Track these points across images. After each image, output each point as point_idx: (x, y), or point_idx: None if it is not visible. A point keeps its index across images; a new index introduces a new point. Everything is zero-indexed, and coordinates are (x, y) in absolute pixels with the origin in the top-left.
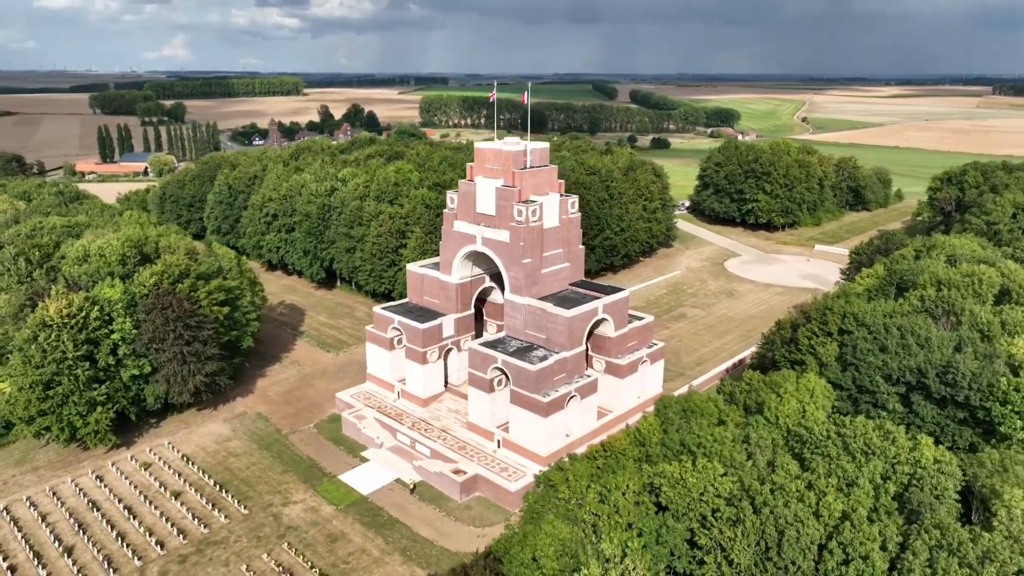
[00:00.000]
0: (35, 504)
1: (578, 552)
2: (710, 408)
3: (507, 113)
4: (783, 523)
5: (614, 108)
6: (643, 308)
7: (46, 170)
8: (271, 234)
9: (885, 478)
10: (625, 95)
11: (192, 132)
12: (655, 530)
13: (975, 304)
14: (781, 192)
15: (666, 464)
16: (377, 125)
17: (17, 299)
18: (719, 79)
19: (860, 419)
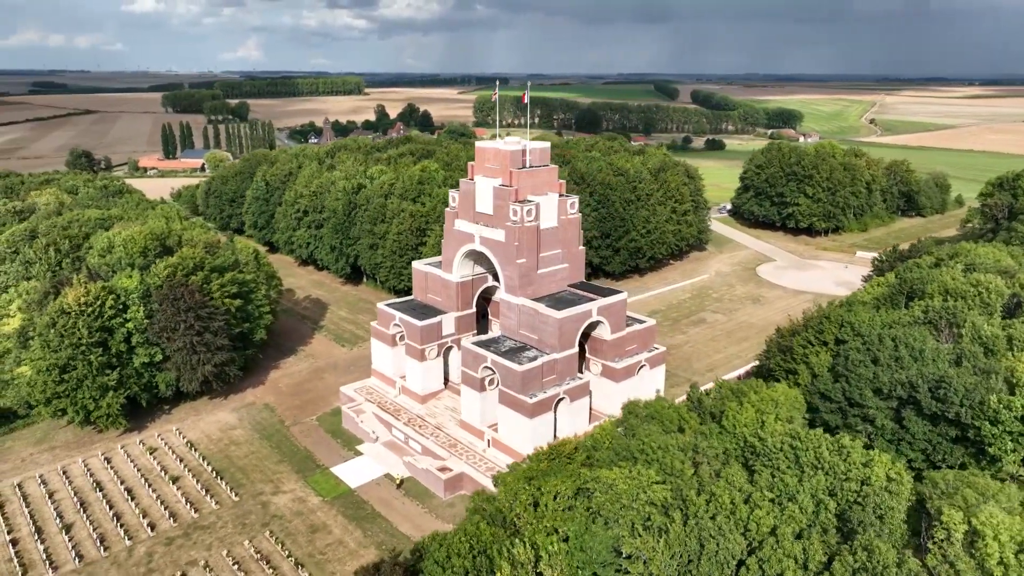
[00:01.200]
0: (45, 482)
1: (493, 554)
2: (671, 415)
3: (561, 113)
4: (706, 536)
5: (670, 108)
6: (663, 311)
7: (112, 165)
8: (301, 230)
9: (832, 493)
10: (687, 95)
11: (249, 130)
12: (579, 536)
13: (979, 316)
14: (823, 196)
15: (601, 469)
16: (431, 124)
17: (42, 287)
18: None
19: (815, 432)
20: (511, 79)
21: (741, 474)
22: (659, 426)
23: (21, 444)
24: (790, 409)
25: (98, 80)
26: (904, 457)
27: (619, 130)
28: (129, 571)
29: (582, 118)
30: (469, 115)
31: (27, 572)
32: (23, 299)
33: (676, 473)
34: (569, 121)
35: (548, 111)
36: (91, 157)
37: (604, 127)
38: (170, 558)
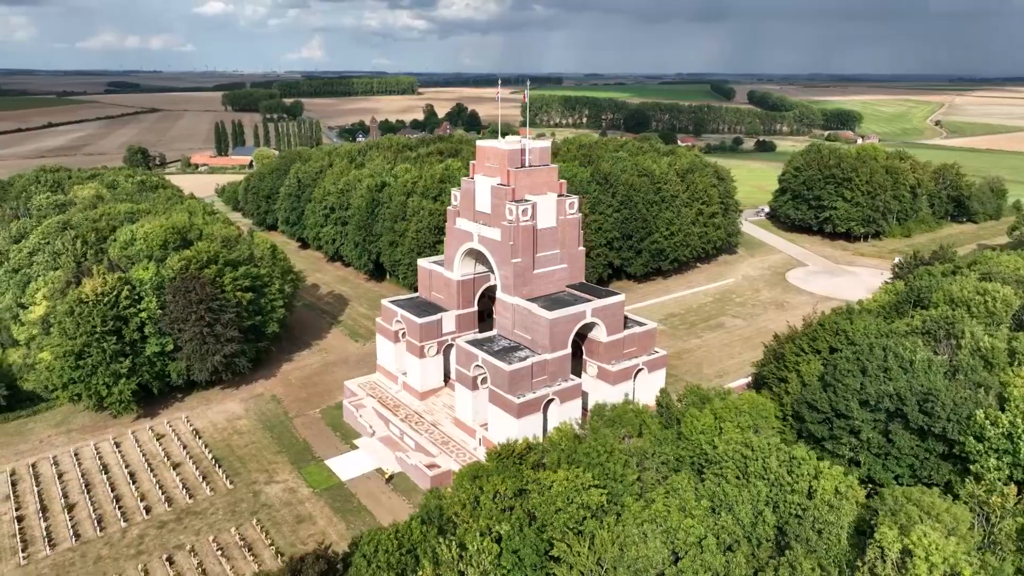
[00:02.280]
0: (57, 463)
1: (419, 552)
2: (632, 419)
3: (609, 113)
4: (629, 542)
5: (723, 109)
6: (681, 315)
7: (166, 161)
8: (328, 226)
9: (775, 506)
10: (743, 96)
11: (298, 128)
12: (510, 536)
13: (980, 326)
14: (863, 200)
15: (542, 471)
16: (478, 124)
17: (65, 276)
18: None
19: (770, 441)
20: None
21: (689, 481)
22: (619, 430)
23: (42, 426)
24: (756, 418)
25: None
26: (891, 472)
27: (669, 131)
28: (120, 551)
29: (631, 118)
30: (517, 114)
31: (27, 547)
32: (48, 288)
33: (617, 478)
34: (618, 121)
35: (596, 111)
36: (146, 154)
37: (654, 127)
38: (160, 541)
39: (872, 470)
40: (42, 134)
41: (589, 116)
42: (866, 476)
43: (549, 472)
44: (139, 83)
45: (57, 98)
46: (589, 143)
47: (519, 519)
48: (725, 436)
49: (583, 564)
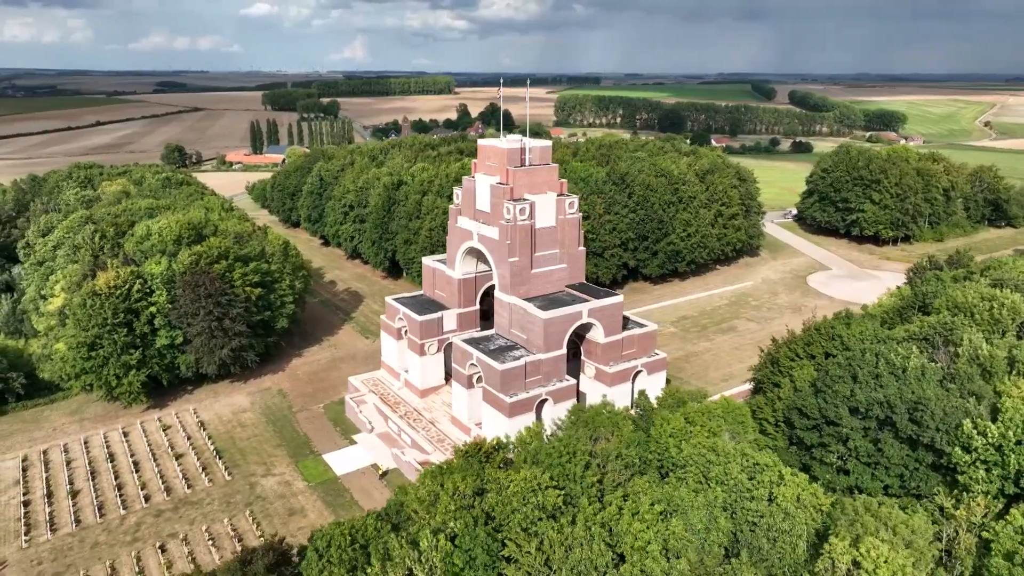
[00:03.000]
0: (67, 450)
1: (370, 547)
2: (604, 420)
3: (644, 113)
4: (575, 544)
5: (760, 109)
6: (693, 317)
7: (202, 159)
8: (347, 224)
9: (731, 512)
10: (785, 96)
11: (330, 127)
12: (462, 534)
13: (979, 333)
14: (891, 202)
15: (502, 471)
16: (511, 123)
17: (82, 269)
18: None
19: (736, 447)
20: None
21: (649, 485)
22: (592, 431)
23: (57, 414)
24: (731, 422)
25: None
26: (880, 482)
27: (704, 131)
28: (117, 538)
29: (665, 118)
30: (551, 114)
31: (30, 531)
32: (65, 280)
33: (576, 479)
34: (652, 121)
35: (630, 111)
36: (183, 151)
37: (689, 128)
38: (155, 529)
39: (860, 479)
40: (90, 132)
41: (623, 116)
42: (854, 485)
43: (508, 472)
44: (186, 83)
45: (107, 97)
46: (609, 143)
47: (474, 518)
48: (693, 440)
49: (531, 564)
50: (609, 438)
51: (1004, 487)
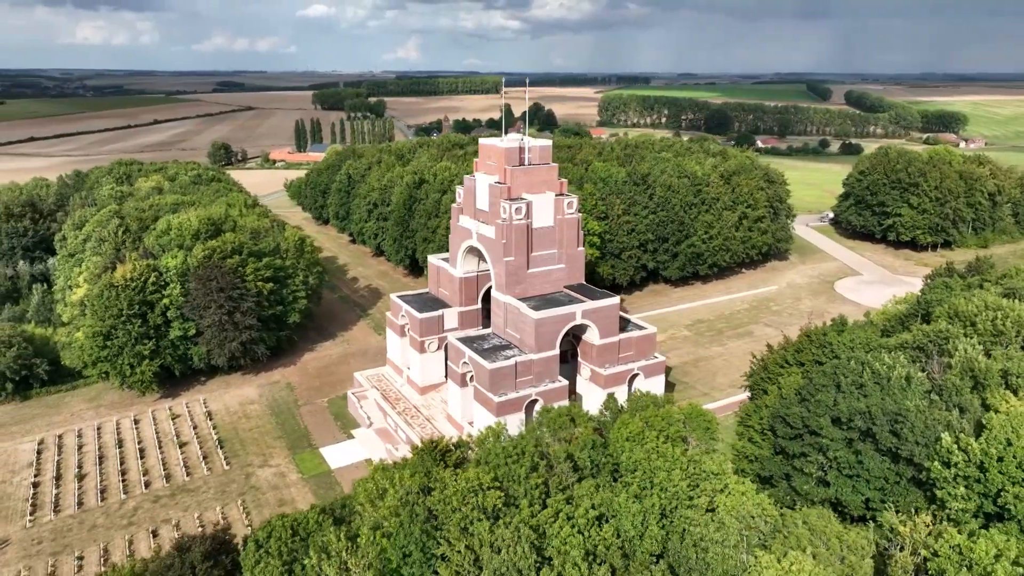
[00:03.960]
0: (81, 435)
1: (310, 540)
2: (566, 422)
3: (690, 113)
4: (504, 545)
5: (811, 110)
6: (709, 321)
7: (247, 157)
8: (371, 222)
9: (671, 519)
10: (840, 96)
11: (371, 126)
12: (398, 531)
13: (974, 343)
14: (930, 206)
15: (446, 470)
16: (554, 123)
17: (103, 262)
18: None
19: (679, 451)
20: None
21: (595, 489)
22: (551, 432)
23: (76, 400)
24: (696, 428)
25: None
26: (860, 495)
27: (752, 132)
28: (114, 521)
29: (711, 119)
30: (594, 114)
31: (35, 511)
32: (88, 272)
33: (520, 480)
34: (698, 122)
35: (676, 111)
36: (229, 149)
37: (736, 128)
38: (150, 514)
39: (840, 492)
40: (147, 130)
41: (668, 116)
42: (833, 497)
43: (453, 471)
44: (244, 83)
45: (165, 97)
46: (636, 143)
47: (413, 515)
48: (647, 445)
49: (459, 563)
50: (569, 440)
51: (983, 505)
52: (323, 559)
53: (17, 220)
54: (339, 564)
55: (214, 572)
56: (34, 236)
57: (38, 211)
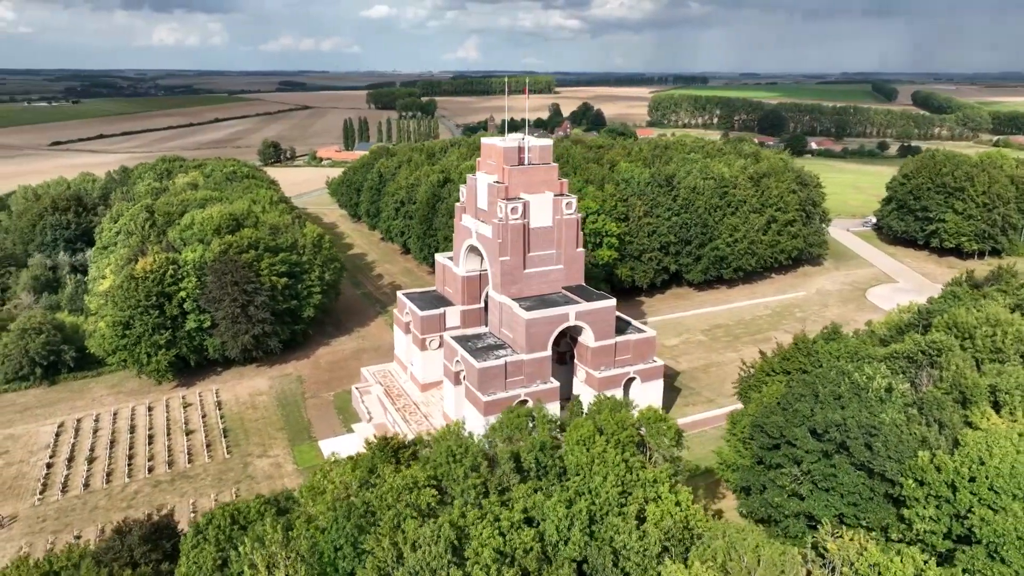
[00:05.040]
0: (98, 420)
1: (248, 529)
2: (522, 423)
3: (743, 114)
4: (423, 543)
5: (871, 111)
6: (727, 327)
7: (295, 155)
8: (398, 220)
9: (597, 525)
10: (907, 96)
11: (417, 125)
12: (330, 526)
13: (970, 357)
14: (976, 212)
15: (386, 465)
16: (602, 123)
17: (128, 254)
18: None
19: (619, 455)
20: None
21: (537, 491)
22: (509, 432)
23: (99, 386)
24: (654, 435)
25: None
26: (833, 509)
27: (807, 133)
28: (115, 503)
29: (765, 119)
30: (644, 114)
31: (44, 491)
32: (115, 264)
33: (458, 480)
34: (751, 123)
35: (728, 112)
36: (278, 147)
37: (792, 129)
38: (149, 498)
39: (813, 505)
40: (207, 128)
41: (720, 117)
42: (805, 511)
43: (395, 467)
44: (306, 82)
45: (228, 96)
46: (665, 143)
47: (348, 509)
48: (594, 449)
49: (382, 559)
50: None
51: (952, 528)
52: (256, 548)
53: (62, 213)
54: (269, 554)
55: (152, 556)
56: (76, 229)
57: (82, 205)
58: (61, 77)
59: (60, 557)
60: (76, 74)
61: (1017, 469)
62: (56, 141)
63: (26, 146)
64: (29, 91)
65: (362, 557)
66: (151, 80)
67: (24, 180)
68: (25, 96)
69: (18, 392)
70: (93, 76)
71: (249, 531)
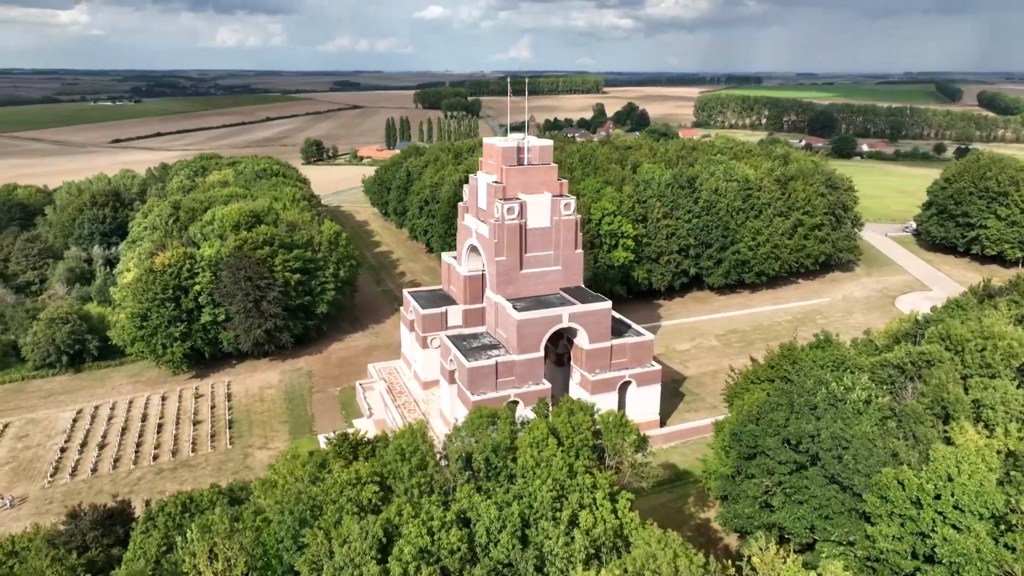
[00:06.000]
0: (114, 408)
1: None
2: (483, 423)
3: (792, 115)
4: (352, 538)
5: (929, 112)
6: (743, 332)
7: (337, 154)
8: (422, 218)
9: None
10: (973, 97)
11: (457, 124)
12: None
13: (954, 371)
14: (1021, 218)
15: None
16: (646, 123)
17: (150, 249)
18: None
19: (563, 459)
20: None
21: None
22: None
23: (120, 375)
24: (613, 439)
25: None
26: (804, 523)
27: (860, 134)
28: (118, 488)
29: (815, 121)
30: (689, 114)
31: (55, 474)
32: (138, 258)
33: (402, 478)
34: (801, 124)
35: (777, 112)
36: (320, 146)
37: (843, 131)
38: (150, 485)
39: (783, 518)
40: (259, 127)
41: (769, 117)
42: (775, 523)
43: (345, 463)
44: (359, 82)
45: (281, 95)
46: (692, 144)
47: (299, 501)
48: (545, 452)
49: (315, 553)
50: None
51: (916, 547)
52: (200, 537)
53: (100, 208)
54: (211, 544)
55: (104, 540)
56: (112, 223)
57: (120, 200)
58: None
59: (22, 538)
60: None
61: (985, 488)
62: (116, 139)
63: (89, 143)
64: (99, 91)
65: (303, 550)
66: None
67: (83, 176)
68: (95, 96)
69: (45, 379)
70: (158, 76)
71: (196, 520)
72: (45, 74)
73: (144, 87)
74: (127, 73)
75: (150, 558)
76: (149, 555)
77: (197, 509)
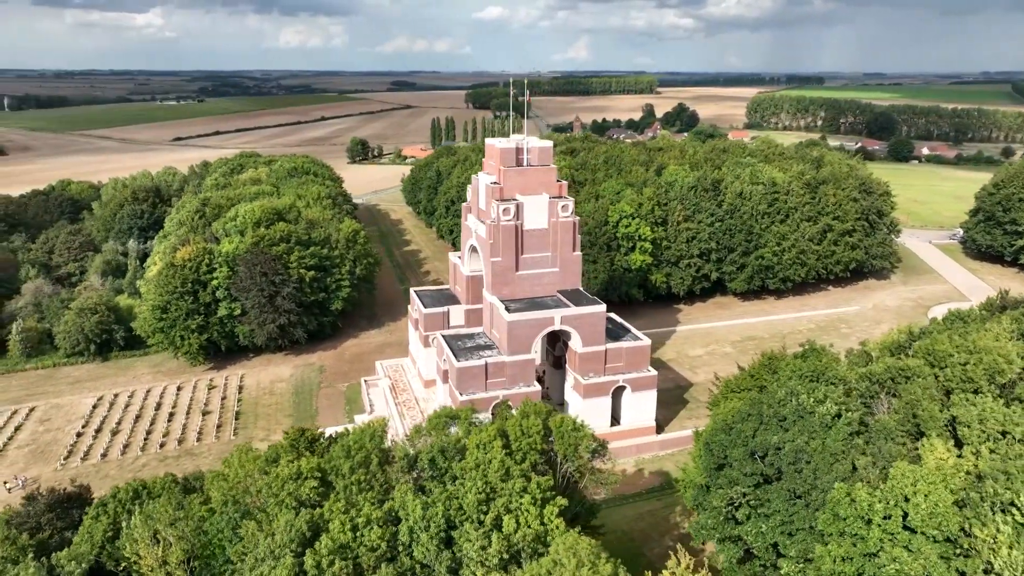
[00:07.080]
0: (132, 396)
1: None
2: (441, 423)
3: (850, 116)
4: (277, 532)
5: (998, 113)
6: (760, 339)
7: (382, 153)
8: (448, 218)
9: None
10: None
11: (500, 124)
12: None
13: (931, 387)
14: None
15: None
16: (695, 124)
17: (174, 244)
18: None
19: (500, 459)
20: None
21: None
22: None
23: (143, 365)
24: (565, 445)
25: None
26: (766, 539)
27: (922, 137)
28: (123, 474)
29: (874, 122)
30: (742, 115)
31: (68, 457)
32: (163, 252)
33: (342, 475)
34: (858, 126)
35: (834, 113)
36: (366, 145)
37: (904, 133)
38: (153, 471)
39: (746, 531)
40: (313, 126)
41: (824, 119)
42: (737, 536)
43: (293, 458)
44: (416, 83)
45: (338, 95)
46: (723, 147)
47: (237, 495)
48: (489, 454)
49: (245, 544)
50: None
51: (864, 568)
52: (142, 524)
53: (140, 204)
54: (153, 530)
55: (58, 523)
56: (149, 218)
57: (160, 196)
58: (197, 77)
59: None
60: (210, 75)
61: (939, 509)
62: (178, 137)
63: (152, 141)
64: (168, 91)
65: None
66: (275, 80)
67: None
68: (163, 95)
69: (74, 366)
70: (224, 76)
71: (143, 507)
72: (121, 75)
73: (210, 87)
74: (196, 73)
75: (96, 542)
76: (95, 539)
77: (149, 496)
